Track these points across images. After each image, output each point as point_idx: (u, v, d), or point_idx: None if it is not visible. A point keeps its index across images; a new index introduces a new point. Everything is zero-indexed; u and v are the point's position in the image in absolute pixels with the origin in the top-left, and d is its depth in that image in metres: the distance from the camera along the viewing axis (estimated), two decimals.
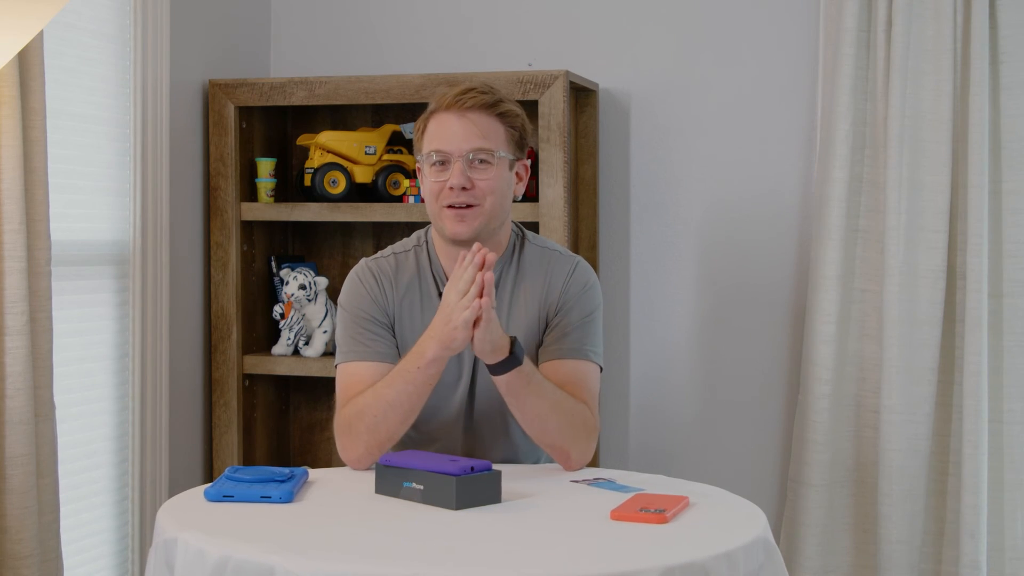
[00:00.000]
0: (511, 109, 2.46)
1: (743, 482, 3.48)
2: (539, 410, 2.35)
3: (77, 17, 3.02)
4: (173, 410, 3.37)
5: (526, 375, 2.32)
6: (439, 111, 2.44)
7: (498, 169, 2.43)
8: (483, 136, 2.41)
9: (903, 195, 3.29)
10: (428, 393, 2.35)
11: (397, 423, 2.35)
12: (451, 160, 2.41)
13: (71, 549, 2.99)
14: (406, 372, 2.33)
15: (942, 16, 3.27)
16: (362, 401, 2.38)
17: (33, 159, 2.68)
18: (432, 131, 2.44)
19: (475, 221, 2.42)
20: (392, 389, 2.34)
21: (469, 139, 2.41)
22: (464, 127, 2.41)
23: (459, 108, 2.41)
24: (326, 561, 1.80)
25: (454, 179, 2.40)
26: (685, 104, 3.59)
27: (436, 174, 2.43)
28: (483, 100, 2.42)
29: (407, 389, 2.33)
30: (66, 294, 2.99)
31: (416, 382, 2.32)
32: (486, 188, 2.42)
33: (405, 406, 2.34)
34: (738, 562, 1.89)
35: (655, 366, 3.62)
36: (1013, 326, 3.29)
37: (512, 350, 2.30)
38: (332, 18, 3.82)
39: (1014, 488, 3.29)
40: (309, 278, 3.54)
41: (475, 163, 2.41)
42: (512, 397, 2.34)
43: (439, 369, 2.33)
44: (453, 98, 2.42)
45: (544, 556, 1.86)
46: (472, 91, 2.43)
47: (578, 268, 2.53)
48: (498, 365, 2.30)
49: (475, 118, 2.42)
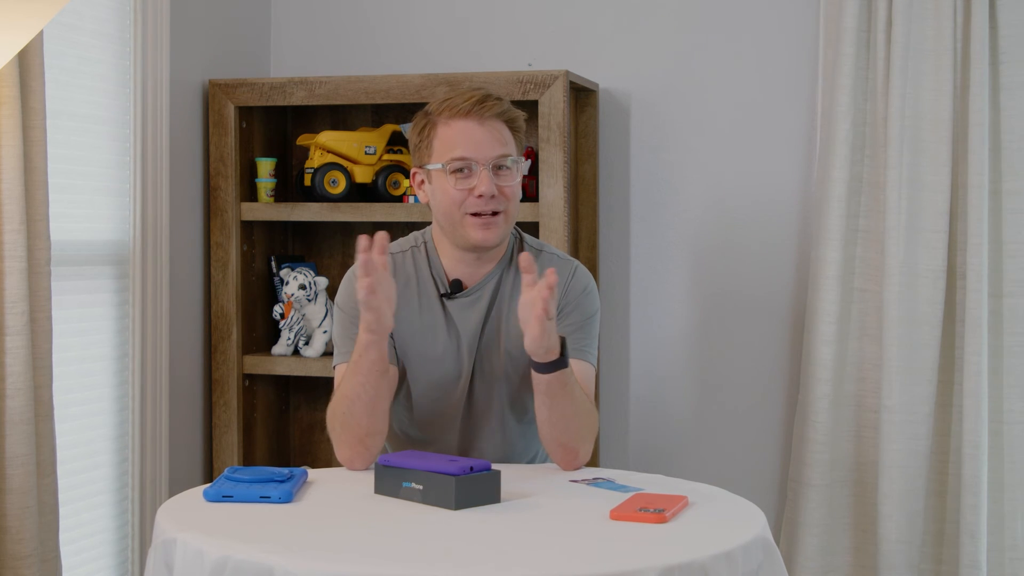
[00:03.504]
0: (518, 116, 2.48)
1: (743, 482, 3.48)
2: (567, 411, 2.36)
3: (77, 17, 3.02)
4: (173, 410, 3.37)
5: (565, 377, 2.33)
6: (456, 118, 2.42)
7: (516, 174, 2.45)
8: (503, 143, 2.43)
9: (903, 195, 3.29)
10: (380, 381, 2.34)
11: (364, 416, 2.35)
12: (475, 168, 2.41)
13: (71, 549, 2.99)
14: (353, 364, 2.34)
15: (942, 16, 3.27)
16: (333, 400, 2.40)
17: (33, 159, 2.68)
18: (450, 138, 2.43)
19: (501, 227, 2.44)
20: (347, 383, 2.36)
21: (494, 146, 2.42)
22: (487, 134, 2.42)
23: (479, 116, 2.41)
24: (325, 561, 1.80)
25: (483, 187, 2.39)
26: (685, 104, 3.59)
27: (459, 181, 2.41)
28: (500, 108, 2.44)
29: (359, 380, 2.33)
30: (66, 294, 2.99)
31: (362, 371, 2.32)
32: (510, 193, 2.44)
33: (363, 397, 2.34)
34: (737, 562, 1.89)
35: (655, 365, 3.62)
36: (1013, 326, 3.29)
37: (562, 351, 2.31)
38: (332, 18, 3.83)
39: (1014, 488, 3.29)
40: (309, 278, 3.54)
41: (499, 170, 2.42)
42: (547, 397, 2.35)
43: (379, 355, 2.31)
44: (472, 105, 2.41)
45: (543, 556, 1.86)
46: (488, 98, 2.43)
47: (578, 271, 2.55)
48: (547, 365, 2.31)
49: (494, 125, 2.43)
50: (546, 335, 2.25)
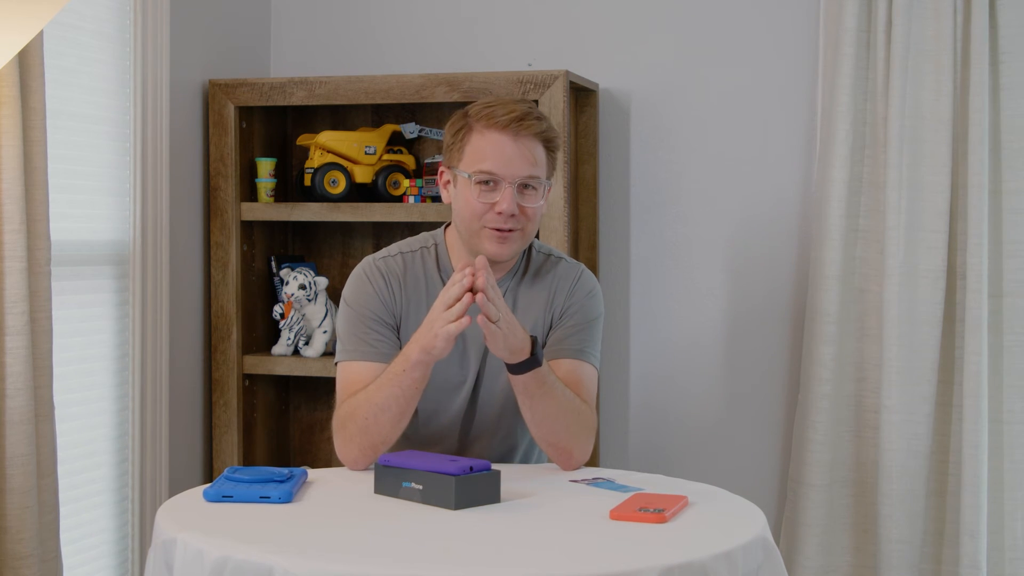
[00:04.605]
0: (556, 137, 2.46)
1: (743, 482, 3.48)
2: (550, 410, 2.35)
3: (77, 17, 3.02)
4: (173, 410, 3.37)
5: (542, 376, 2.33)
6: (492, 129, 2.40)
7: (541, 194, 2.44)
8: (534, 163, 2.41)
9: (903, 195, 3.29)
10: (417, 396, 2.35)
11: (388, 426, 2.35)
12: (501, 183, 2.39)
13: (71, 549, 2.99)
14: (393, 375, 2.33)
15: (942, 16, 3.27)
16: (355, 402, 2.38)
17: (33, 159, 2.68)
18: (481, 148, 2.40)
19: (516, 244, 2.43)
20: (381, 392, 2.34)
21: (523, 166, 2.39)
22: (519, 152, 2.39)
23: (515, 132, 2.39)
24: (325, 561, 1.80)
25: (505, 204, 2.38)
26: (685, 104, 3.59)
27: (483, 194, 2.40)
28: (539, 128, 2.41)
29: (394, 392, 2.33)
30: (66, 294, 2.99)
31: (402, 385, 2.32)
32: (531, 214, 2.42)
33: (394, 409, 2.34)
34: (737, 562, 1.89)
35: (655, 366, 3.62)
36: (1013, 326, 3.29)
37: (533, 351, 2.30)
38: (332, 18, 3.82)
39: (1014, 488, 3.29)
40: (309, 278, 3.54)
41: (524, 188, 2.40)
42: (526, 397, 2.34)
43: (424, 373, 2.32)
44: (511, 120, 2.38)
45: (543, 556, 1.87)
46: (528, 116, 2.40)
47: (583, 275, 2.55)
48: (518, 365, 2.31)
49: (528, 144, 2.40)
50: (498, 338, 2.24)
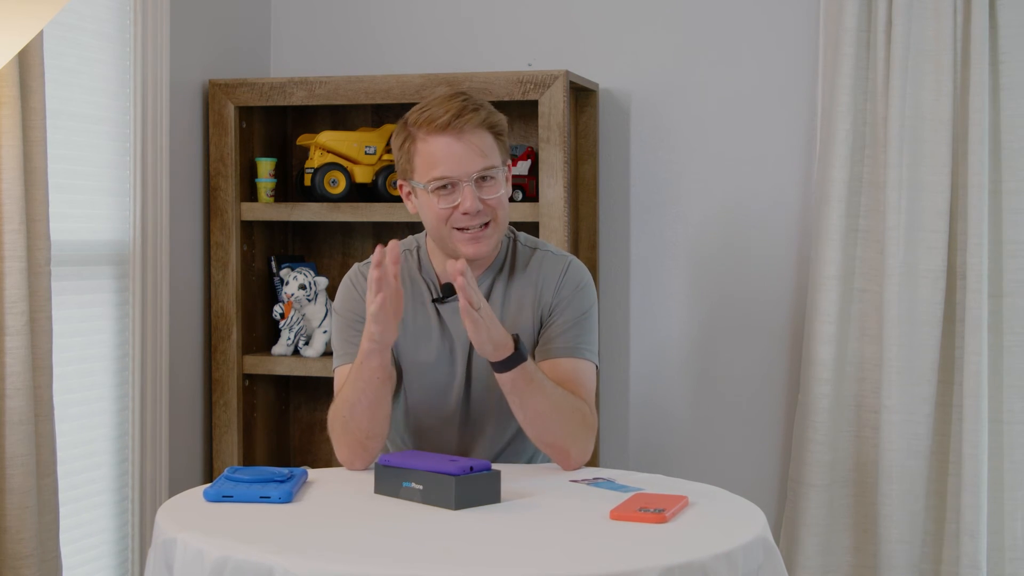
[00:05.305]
0: (500, 120, 2.43)
1: (743, 482, 3.48)
2: (541, 408, 2.34)
3: (77, 17, 3.02)
4: (173, 410, 3.37)
5: (529, 373, 2.31)
6: (433, 134, 2.37)
7: (500, 182, 2.42)
8: (484, 155, 2.38)
9: (903, 195, 3.29)
10: (384, 387, 2.34)
11: (364, 419, 2.35)
12: (459, 184, 2.37)
13: (71, 549, 2.99)
14: (355, 369, 2.34)
15: (942, 16, 3.27)
16: (335, 403, 2.41)
17: (33, 159, 2.68)
18: (429, 155, 2.38)
19: (492, 238, 2.42)
20: (349, 387, 2.36)
21: (475, 161, 2.37)
22: (467, 149, 2.37)
23: (458, 130, 2.36)
24: (325, 561, 1.80)
25: (467, 203, 2.36)
26: (685, 104, 3.59)
27: (443, 199, 2.38)
28: (480, 119, 2.38)
29: (359, 385, 2.33)
30: (66, 294, 2.99)
31: (363, 377, 2.32)
32: (495, 204, 2.40)
33: (363, 402, 2.34)
34: (737, 562, 1.89)
35: (655, 365, 3.62)
36: (1013, 326, 3.29)
37: (515, 347, 2.30)
38: (332, 18, 3.83)
39: (1014, 488, 3.29)
40: (309, 278, 3.54)
41: (481, 182, 2.39)
42: (515, 396, 2.33)
43: (381, 361, 2.31)
44: (450, 119, 2.35)
45: (543, 556, 1.86)
46: (465, 110, 2.37)
47: (571, 267, 2.52)
48: (501, 363, 2.29)
49: (473, 137, 2.37)
50: (481, 329, 2.22)
